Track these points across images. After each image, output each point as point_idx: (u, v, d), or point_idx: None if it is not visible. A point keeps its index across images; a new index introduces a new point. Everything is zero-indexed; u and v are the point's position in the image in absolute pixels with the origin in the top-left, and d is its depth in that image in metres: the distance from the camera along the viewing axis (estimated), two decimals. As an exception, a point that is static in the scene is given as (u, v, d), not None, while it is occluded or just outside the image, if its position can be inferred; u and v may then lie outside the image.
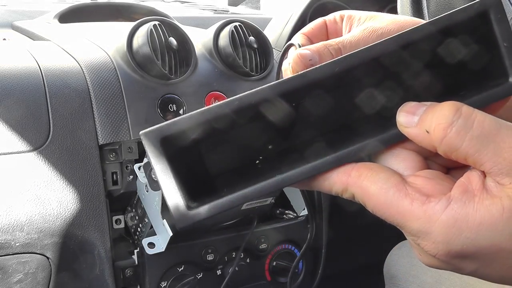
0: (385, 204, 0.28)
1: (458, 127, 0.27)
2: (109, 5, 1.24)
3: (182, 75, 0.82)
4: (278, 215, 0.91)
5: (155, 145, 0.28)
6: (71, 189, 0.71)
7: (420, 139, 0.29)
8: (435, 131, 0.27)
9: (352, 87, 0.31)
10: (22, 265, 0.69)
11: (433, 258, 0.29)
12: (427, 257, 0.29)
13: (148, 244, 0.75)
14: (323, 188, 0.31)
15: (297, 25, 1.08)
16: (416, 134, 0.29)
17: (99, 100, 0.75)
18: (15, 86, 0.72)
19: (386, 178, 0.29)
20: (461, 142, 0.27)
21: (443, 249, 0.27)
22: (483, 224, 0.26)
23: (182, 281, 0.80)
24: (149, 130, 0.29)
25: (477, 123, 0.27)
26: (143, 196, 0.76)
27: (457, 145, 0.27)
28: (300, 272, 0.92)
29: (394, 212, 0.28)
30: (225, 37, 0.87)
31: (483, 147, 0.26)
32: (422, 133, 0.28)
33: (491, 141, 0.26)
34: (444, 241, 0.27)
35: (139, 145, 0.77)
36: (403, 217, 0.28)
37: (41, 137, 0.71)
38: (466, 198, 0.27)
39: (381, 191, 0.28)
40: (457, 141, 0.27)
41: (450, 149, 0.27)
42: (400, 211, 0.28)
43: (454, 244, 0.27)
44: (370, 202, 0.29)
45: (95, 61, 0.79)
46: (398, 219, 0.28)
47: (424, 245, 0.28)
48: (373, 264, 0.89)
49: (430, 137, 0.28)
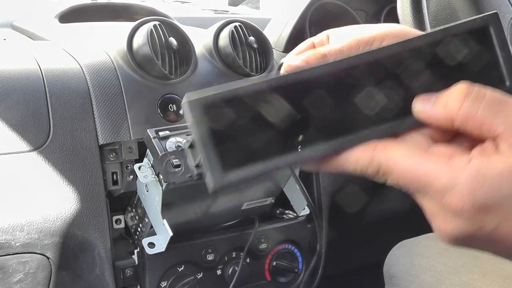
0: (411, 167, 0.31)
1: (473, 97, 0.31)
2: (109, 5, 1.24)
3: (182, 75, 0.82)
4: (278, 215, 0.91)
5: (197, 111, 0.31)
6: (71, 189, 0.71)
7: (437, 116, 0.32)
8: (452, 103, 0.31)
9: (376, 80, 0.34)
10: (22, 265, 0.69)
11: (456, 221, 0.30)
12: (449, 223, 0.31)
13: (148, 244, 0.75)
14: (348, 164, 0.33)
15: (297, 25, 1.08)
16: (434, 113, 0.32)
17: (99, 100, 0.75)
18: (15, 86, 0.72)
19: (410, 146, 0.32)
20: (476, 109, 0.30)
21: (468, 201, 0.29)
22: (503, 172, 0.29)
23: (182, 281, 0.80)
24: (193, 98, 0.31)
25: (489, 94, 0.31)
26: (143, 196, 0.76)
27: (473, 113, 0.30)
28: (300, 272, 0.92)
29: (421, 173, 0.30)
30: (225, 37, 0.87)
31: (496, 113, 0.30)
32: (439, 110, 0.32)
33: (503, 108, 0.30)
34: (470, 191, 0.29)
35: (139, 145, 0.77)
36: (429, 176, 0.30)
37: (41, 137, 0.71)
38: (485, 156, 0.30)
39: (407, 157, 0.31)
40: (473, 109, 0.30)
41: (466, 118, 0.31)
42: (426, 171, 0.30)
43: (479, 194, 0.29)
44: (396, 169, 0.31)
45: (95, 61, 0.79)
46: (424, 180, 0.30)
47: (451, 201, 0.30)
48: (373, 264, 0.89)
49: (447, 111, 0.31)
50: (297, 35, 1.09)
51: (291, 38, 1.08)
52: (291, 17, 1.09)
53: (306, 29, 1.12)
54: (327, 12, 1.16)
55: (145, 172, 0.71)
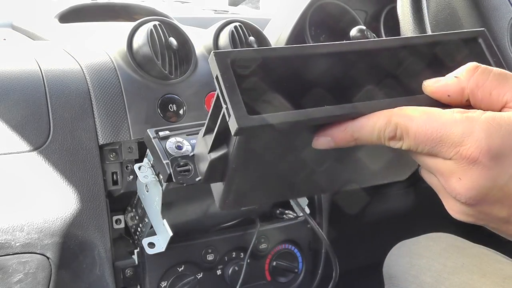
0: (428, 121, 0.32)
1: (482, 70, 0.33)
2: (109, 5, 1.24)
3: (182, 75, 0.82)
4: (278, 215, 0.91)
5: (224, 62, 0.33)
6: (71, 189, 0.71)
7: (449, 87, 0.34)
8: (464, 73, 0.34)
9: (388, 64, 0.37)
10: (22, 265, 0.69)
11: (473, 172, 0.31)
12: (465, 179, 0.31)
13: (148, 244, 0.75)
14: (365, 130, 0.34)
15: (297, 25, 1.08)
16: (445, 83, 0.34)
17: (99, 100, 0.75)
18: (15, 86, 0.72)
19: (426, 106, 0.33)
20: (486, 77, 0.33)
21: (485, 147, 0.30)
22: None
23: (182, 281, 0.80)
24: (222, 51, 0.34)
25: (495, 69, 0.34)
26: (143, 196, 0.76)
27: (483, 80, 0.33)
28: (300, 272, 0.92)
29: (438, 125, 0.31)
30: (225, 37, 0.87)
31: (503, 81, 0.33)
32: (450, 80, 0.34)
33: (508, 79, 0.33)
34: (486, 136, 0.30)
35: (139, 145, 0.77)
36: (446, 126, 0.31)
37: (41, 137, 0.71)
38: (496, 112, 0.32)
39: (424, 112, 0.32)
40: (483, 76, 0.33)
41: (477, 85, 0.33)
42: (443, 122, 0.31)
43: (495, 138, 0.30)
44: (413, 126, 0.32)
45: (95, 61, 0.79)
46: (441, 132, 0.31)
47: (467, 149, 0.31)
48: (372, 264, 0.89)
49: (459, 80, 0.34)
50: (297, 35, 1.09)
51: (291, 38, 1.08)
52: (291, 17, 1.09)
53: (306, 29, 1.12)
54: (327, 12, 1.16)
55: (145, 172, 0.72)
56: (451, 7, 0.74)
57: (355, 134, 0.34)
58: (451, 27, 0.74)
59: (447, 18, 0.75)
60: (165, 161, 0.67)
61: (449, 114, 0.32)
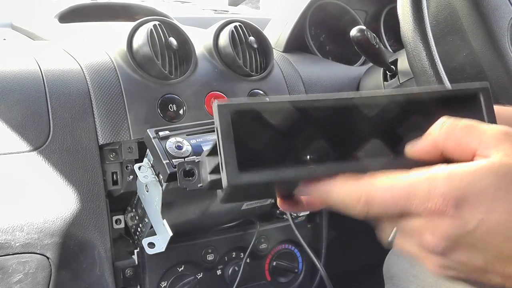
0: (393, 184, 0.33)
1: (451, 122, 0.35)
2: (109, 5, 1.24)
3: (182, 75, 0.82)
4: (278, 215, 0.91)
5: (225, 116, 0.34)
6: (71, 189, 0.71)
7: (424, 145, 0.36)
8: (435, 128, 0.35)
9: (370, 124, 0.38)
10: (22, 265, 0.69)
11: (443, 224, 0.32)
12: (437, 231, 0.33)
13: (148, 244, 0.75)
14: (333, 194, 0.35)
15: (297, 25, 1.08)
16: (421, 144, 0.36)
17: (99, 100, 0.75)
18: (15, 86, 0.72)
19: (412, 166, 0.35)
20: (454, 128, 0.35)
21: (450, 199, 0.32)
22: (477, 170, 0.32)
23: (182, 281, 0.80)
24: (224, 103, 0.35)
25: (463, 120, 0.35)
26: (143, 196, 0.76)
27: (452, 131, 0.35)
28: (300, 272, 0.92)
29: (403, 184, 0.33)
30: (225, 37, 0.87)
31: (470, 131, 0.34)
32: (425, 139, 0.36)
33: (475, 129, 0.34)
34: (450, 189, 0.32)
35: (139, 145, 0.77)
36: (411, 184, 0.33)
37: (41, 137, 0.71)
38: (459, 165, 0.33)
39: (387, 177, 0.34)
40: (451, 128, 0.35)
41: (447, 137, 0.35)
42: (410, 183, 0.33)
43: (458, 189, 0.32)
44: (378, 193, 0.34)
45: (95, 61, 0.79)
46: (408, 192, 0.33)
47: (435, 204, 0.32)
48: (373, 264, 0.89)
49: (431, 136, 0.36)
50: (297, 35, 1.09)
51: (291, 38, 1.08)
52: (291, 17, 1.09)
53: (306, 29, 1.12)
54: (327, 12, 1.16)
55: (145, 172, 0.71)
56: (451, 7, 0.74)
57: (323, 196, 0.36)
58: (451, 27, 0.74)
59: (447, 18, 0.75)
60: (165, 161, 0.67)
61: (415, 174, 0.33)
